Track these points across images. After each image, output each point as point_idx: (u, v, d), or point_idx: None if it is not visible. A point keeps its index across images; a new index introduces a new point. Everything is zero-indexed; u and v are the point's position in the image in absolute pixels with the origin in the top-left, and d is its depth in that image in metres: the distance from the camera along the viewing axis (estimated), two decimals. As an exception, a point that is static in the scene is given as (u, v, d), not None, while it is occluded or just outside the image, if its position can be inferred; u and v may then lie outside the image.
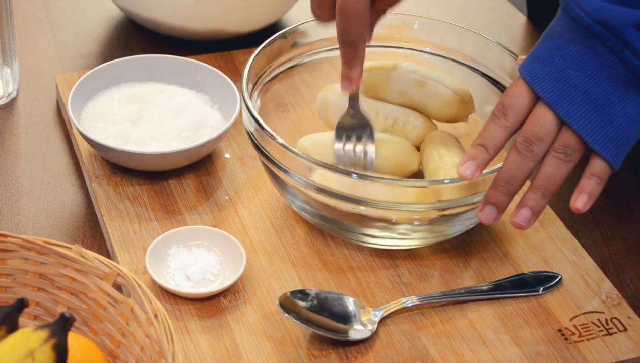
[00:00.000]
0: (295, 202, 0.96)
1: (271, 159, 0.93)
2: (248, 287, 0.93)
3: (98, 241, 0.99)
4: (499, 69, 1.03)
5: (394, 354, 0.88)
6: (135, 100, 1.07)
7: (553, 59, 0.86)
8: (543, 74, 0.86)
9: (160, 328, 0.74)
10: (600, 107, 0.84)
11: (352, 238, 0.96)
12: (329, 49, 1.06)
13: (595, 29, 0.84)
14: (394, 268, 0.96)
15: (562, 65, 0.85)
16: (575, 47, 0.85)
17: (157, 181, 1.03)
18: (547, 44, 0.87)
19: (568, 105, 0.85)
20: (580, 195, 0.87)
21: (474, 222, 0.95)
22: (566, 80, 0.85)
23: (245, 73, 0.98)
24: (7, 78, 1.14)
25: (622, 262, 1.00)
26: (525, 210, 0.87)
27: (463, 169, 0.87)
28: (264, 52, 1.01)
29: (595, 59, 0.84)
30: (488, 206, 0.87)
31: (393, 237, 0.94)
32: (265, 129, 0.92)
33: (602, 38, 0.84)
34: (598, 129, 0.85)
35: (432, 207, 0.90)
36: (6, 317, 0.74)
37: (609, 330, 0.91)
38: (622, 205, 1.07)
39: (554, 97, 0.85)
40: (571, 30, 0.85)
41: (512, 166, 0.86)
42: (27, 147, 1.09)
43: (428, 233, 0.95)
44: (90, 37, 1.25)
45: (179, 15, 1.19)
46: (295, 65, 1.06)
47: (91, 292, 0.80)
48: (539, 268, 0.97)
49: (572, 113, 0.85)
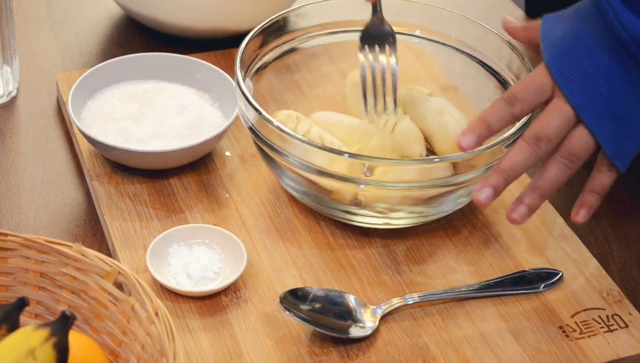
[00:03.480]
0: (283, 179, 0.98)
1: (254, 128, 0.95)
2: (249, 285, 0.93)
3: (99, 239, 0.99)
4: (497, 59, 1.03)
5: (395, 352, 0.88)
6: (136, 98, 1.07)
7: (581, 63, 0.87)
8: (573, 76, 0.87)
9: (161, 326, 0.74)
10: (620, 117, 0.87)
11: (336, 215, 0.97)
12: (323, 33, 1.07)
13: (631, 47, 0.86)
14: (395, 265, 0.96)
15: (592, 72, 0.87)
16: (607, 57, 0.87)
17: (157, 179, 1.03)
18: (575, 44, 0.88)
19: (592, 112, 0.87)
20: (581, 209, 0.91)
21: (456, 204, 0.97)
22: (595, 88, 0.87)
23: (240, 54, 0.99)
24: (8, 76, 1.14)
25: (623, 259, 1.00)
26: (522, 207, 0.89)
27: (462, 139, 0.88)
28: (257, 37, 1.03)
29: (625, 73, 0.86)
30: (487, 188, 0.88)
31: (372, 216, 0.96)
32: (250, 101, 0.94)
33: (635, 56, 0.86)
34: (614, 137, 0.87)
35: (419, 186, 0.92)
36: (7, 315, 0.74)
37: (610, 326, 0.91)
38: (624, 202, 1.07)
39: (581, 101, 0.87)
40: (605, 38, 0.87)
41: (518, 157, 0.88)
42: (27, 146, 1.09)
43: (407, 213, 0.96)
44: (90, 35, 1.25)
45: (180, 14, 1.19)
46: (290, 50, 1.07)
47: (92, 290, 0.80)
48: (540, 266, 0.97)
49: (595, 119, 0.87)
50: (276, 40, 1.06)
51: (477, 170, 0.92)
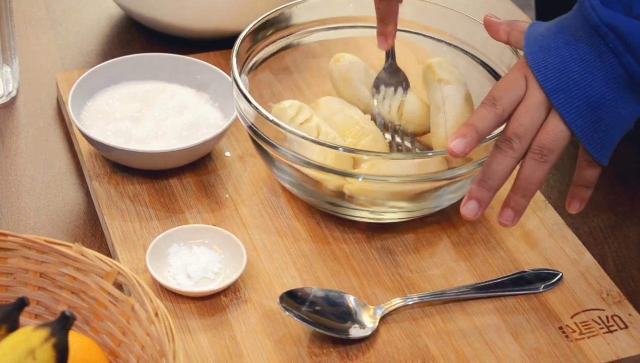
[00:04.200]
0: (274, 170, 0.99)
1: (249, 122, 0.95)
2: (249, 285, 0.93)
3: (99, 240, 0.99)
4: (498, 59, 1.03)
5: (395, 352, 0.88)
6: (136, 98, 1.07)
7: (559, 52, 0.87)
8: (548, 63, 0.87)
9: (161, 326, 0.74)
10: (593, 104, 0.86)
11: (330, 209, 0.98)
12: (321, 29, 1.08)
13: (602, 29, 0.85)
14: (395, 266, 0.96)
15: (566, 58, 0.86)
16: (582, 44, 0.86)
17: (157, 180, 1.03)
18: (558, 37, 0.88)
19: (564, 96, 0.86)
20: (572, 201, 0.92)
21: (445, 200, 0.97)
22: (567, 73, 0.86)
23: (236, 48, 1.00)
24: (8, 77, 1.14)
25: (623, 260, 1.00)
26: (508, 210, 0.89)
27: (453, 145, 0.88)
28: (254, 32, 1.03)
29: (597, 58, 0.85)
30: (471, 201, 0.88)
31: (362, 209, 0.96)
32: (244, 93, 0.94)
33: (606, 38, 0.85)
34: (588, 125, 0.86)
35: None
36: (7, 315, 0.74)
37: (609, 327, 0.91)
38: (623, 202, 1.07)
39: (551, 85, 0.86)
40: (581, 28, 0.86)
41: (494, 164, 0.88)
42: (27, 146, 1.09)
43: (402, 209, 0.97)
44: (90, 35, 1.25)
45: (180, 14, 1.19)
46: (287, 45, 1.08)
47: (92, 290, 0.80)
48: (539, 266, 0.97)
49: (566, 104, 0.86)
50: (273, 36, 1.06)
51: (470, 165, 0.93)
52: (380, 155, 0.94)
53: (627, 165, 1.11)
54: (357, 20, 1.09)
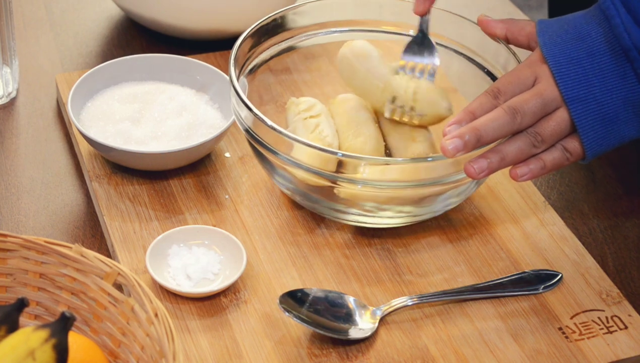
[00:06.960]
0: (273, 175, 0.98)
1: (244, 124, 0.95)
2: (248, 286, 0.93)
3: (98, 241, 0.99)
4: (495, 61, 1.03)
5: (394, 353, 0.88)
6: (136, 99, 1.07)
7: (581, 62, 0.88)
8: (569, 72, 0.88)
9: (161, 327, 0.74)
10: (606, 120, 0.88)
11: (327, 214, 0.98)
12: (322, 32, 1.08)
13: (632, 53, 0.87)
14: (395, 267, 0.96)
15: (588, 71, 0.88)
16: (605, 59, 0.88)
17: (157, 180, 1.03)
18: (579, 45, 0.89)
19: (582, 108, 0.88)
20: (522, 167, 0.89)
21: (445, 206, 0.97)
22: (587, 87, 0.88)
23: (234, 51, 1.00)
24: (7, 77, 1.14)
25: (623, 260, 1.00)
26: (483, 161, 0.88)
27: (448, 143, 0.88)
28: (253, 35, 1.03)
29: (620, 78, 0.88)
30: (457, 139, 0.87)
31: (361, 214, 0.96)
32: (242, 97, 0.94)
33: (635, 63, 0.87)
34: (597, 138, 0.89)
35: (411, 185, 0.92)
36: (6, 316, 0.74)
37: (609, 328, 0.91)
38: (623, 203, 1.07)
39: (572, 95, 0.88)
40: (606, 43, 0.88)
41: (494, 122, 0.87)
42: (27, 147, 1.09)
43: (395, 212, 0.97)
44: (90, 36, 1.25)
45: (179, 15, 1.19)
46: (287, 48, 1.07)
47: (92, 291, 0.80)
48: (539, 267, 0.97)
49: (583, 116, 0.88)
50: (273, 39, 1.06)
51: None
52: (364, 158, 0.93)
53: (627, 165, 1.11)
54: (356, 24, 1.09)
